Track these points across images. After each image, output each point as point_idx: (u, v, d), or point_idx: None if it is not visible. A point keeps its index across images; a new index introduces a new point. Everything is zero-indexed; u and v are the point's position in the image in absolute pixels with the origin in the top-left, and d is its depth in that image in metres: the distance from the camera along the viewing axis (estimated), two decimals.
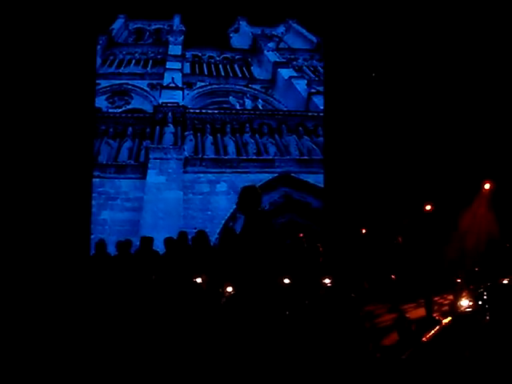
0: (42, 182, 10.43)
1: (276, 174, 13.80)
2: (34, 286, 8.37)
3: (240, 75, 16.58)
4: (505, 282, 8.08)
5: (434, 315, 8.38)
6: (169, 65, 16.37)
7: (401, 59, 11.57)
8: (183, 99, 15.34)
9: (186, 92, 15.64)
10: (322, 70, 14.82)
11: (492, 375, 5.66)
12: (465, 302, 7.99)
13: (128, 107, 15.59)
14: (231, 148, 14.58)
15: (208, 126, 14.81)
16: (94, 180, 12.41)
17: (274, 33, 17.08)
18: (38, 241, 9.89)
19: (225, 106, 15.62)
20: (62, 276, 8.86)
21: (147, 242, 10.02)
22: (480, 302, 7.65)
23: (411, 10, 11.31)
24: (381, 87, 11.88)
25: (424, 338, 6.81)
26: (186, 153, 14.13)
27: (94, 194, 12.39)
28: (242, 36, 16.93)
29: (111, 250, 10.20)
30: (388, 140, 11.61)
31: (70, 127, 10.95)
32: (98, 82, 13.98)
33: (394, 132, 11.57)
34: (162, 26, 17.28)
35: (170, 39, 16.86)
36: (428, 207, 10.86)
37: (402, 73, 11.59)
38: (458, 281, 8.88)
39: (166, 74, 16.04)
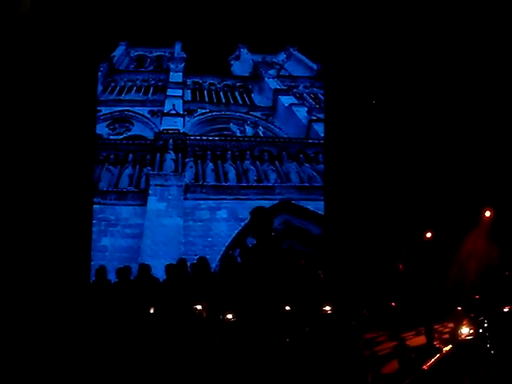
0: (42, 208, 10.49)
1: (276, 201, 13.85)
2: (34, 311, 8.39)
3: (241, 102, 16.69)
4: (505, 310, 8.11)
5: (435, 343, 8.40)
6: (170, 92, 16.49)
7: (401, 86, 11.68)
8: (184, 126, 15.43)
9: (186, 119, 15.74)
10: (322, 98, 14.93)
11: None
12: (465, 330, 8.01)
13: (129, 134, 15.68)
14: (232, 175, 14.65)
15: (209, 152, 14.90)
16: (94, 206, 12.48)
17: (274, 60, 17.20)
18: (38, 267, 9.93)
19: (225, 132, 15.71)
20: (63, 302, 8.89)
21: (145, 269, 10.08)
22: (480, 330, 7.68)
23: (410, 38, 11.44)
24: (381, 114, 11.98)
25: (424, 366, 6.84)
26: (186, 179, 14.20)
27: (94, 221, 12.42)
28: (242, 63, 17.06)
29: (112, 276, 10.25)
30: (388, 167, 11.69)
31: (71, 154, 11.04)
32: (99, 108, 14.09)
33: (394, 159, 11.65)
34: (163, 53, 17.41)
35: (171, 66, 17.00)
36: (428, 234, 10.92)
37: (402, 100, 11.69)
38: (459, 309, 8.91)
39: (166, 101, 16.15)
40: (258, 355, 5.21)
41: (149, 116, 16.04)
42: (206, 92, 16.90)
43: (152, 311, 8.97)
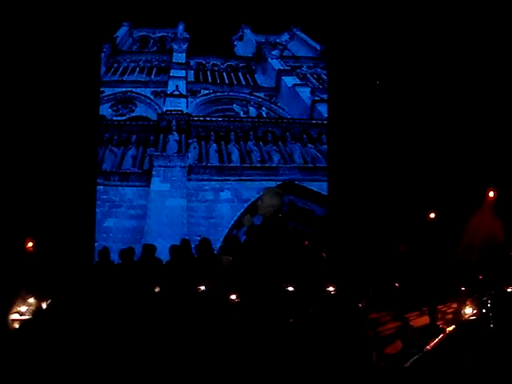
0: (46, 189, 10.49)
1: (280, 182, 13.80)
2: (38, 291, 8.40)
3: (244, 83, 16.60)
4: (509, 290, 8.11)
5: (438, 323, 8.39)
6: (173, 72, 16.39)
7: (405, 67, 11.60)
8: (187, 107, 15.37)
9: (190, 100, 15.67)
10: (325, 78, 14.85)
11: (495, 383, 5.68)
12: (469, 310, 8.03)
13: (132, 115, 15.61)
14: (235, 156, 14.60)
15: (212, 133, 14.84)
16: (98, 188, 12.48)
17: (278, 40, 17.09)
18: (43, 248, 9.94)
19: (229, 113, 15.64)
20: (66, 283, 8.89)
21: (149, 249, 10.05)
22: (484, 310, 7.68)
23: (416, 18, 11.34)
24: (385, 95, 11.91)
25: (428, 346, 6.83)
26: (190, 160, 14.15)
27: (97, 202, 12.44)
28: (245, 44, 16.96)
29: (115, 257, 10.24)
30: (392, 148, 11.64)
31: (74, 135, 11.02)
32: (102, 89, 14.04)
33: (398, 140, 11.59)
34: (166, 34, 17.29)
35: (174, 47, 16.89)
36: (432, 215, 10.88)
37: (406, 80, 11.61)
38: (462, 289, 8.90)
39: (170, 82, 16.06)
40: (262, 335, 5.20)
41: (152, 97, 15.96)
42: (209, 73, 16.80)
43: (157, 290, 8.96)
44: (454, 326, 7.66)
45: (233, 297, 8.19)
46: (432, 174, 11.26)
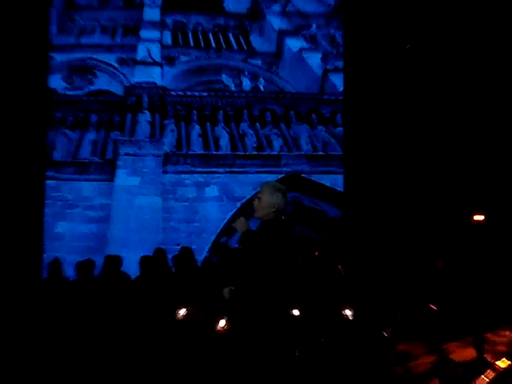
0: None
1: (282, 175, 13.82)
2: None
3: (236, 47, 16.65)
4: None
5: (486, 356, 8.36)
6: (144, 34, 16.39)
7: (444, 26, 11.54)
8: (162, 78, 15.40)
9: (165, 69, 15.71)
10: (340, 41, 14.85)
11: None
12: None
13: (91, 88, 15.66)
14: (224, 141, 14.63)
15: (194, 112, 14.87)
16: (47, 182, 12.41)
17: None
18: None
19: (216, 86, 15.67)
20: (7, 304, 8.85)
21: (114, 262, 10.02)
22: None
23: None
24: (417, 63, 11.85)
25: None
26: (166, 147, 14.17)
27: (47, 201, 12.37)
28: None
29: (69, 272, 10.20)
30: (426, 131, 11.59)
31: (15, 115, 10.94)
32: (52, 55, 13.98)
33: (434, 120, 11.54)
34: None
35: (146, 1, 16.90)
36: (478, 218, 10.84)
37: (446, 44, 11.56)
38: None
39: (140, 46, 16.08)
40: (259, 374, 5.15)
41: (117, 65, 15.99)
42: (190, 34, 16.83)
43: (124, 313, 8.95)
44: (507, 361, 7.63)
45: (221, 323, 8.15)
46: (479, 167, 11.22)
